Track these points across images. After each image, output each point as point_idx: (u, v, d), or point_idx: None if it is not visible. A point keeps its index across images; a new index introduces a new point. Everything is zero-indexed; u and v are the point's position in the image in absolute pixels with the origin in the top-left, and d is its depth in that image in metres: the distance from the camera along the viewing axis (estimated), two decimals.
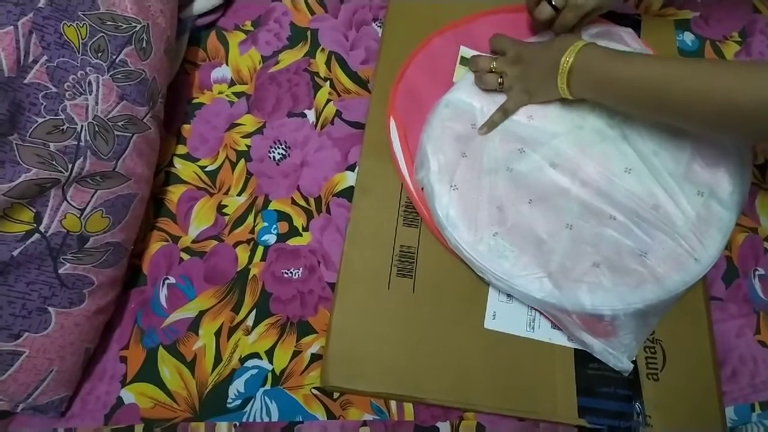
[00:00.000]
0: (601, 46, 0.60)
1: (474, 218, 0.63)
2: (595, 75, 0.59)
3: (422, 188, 0.66)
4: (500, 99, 0.69)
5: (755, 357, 0.67)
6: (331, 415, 0.61)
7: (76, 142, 0.53)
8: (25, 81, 0.50)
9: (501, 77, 0.68)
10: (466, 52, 0.74)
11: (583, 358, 0.62)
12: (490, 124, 0.67)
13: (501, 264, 0.61)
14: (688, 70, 0.53)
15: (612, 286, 0.60)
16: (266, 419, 0.61)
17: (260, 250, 0.67)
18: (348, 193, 0.70)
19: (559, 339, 0.62)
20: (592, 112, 0.67)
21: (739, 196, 0.64)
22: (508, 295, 0.63)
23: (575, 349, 0.62)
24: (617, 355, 0.59)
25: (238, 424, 0.60)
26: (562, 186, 0.64)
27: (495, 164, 0.65)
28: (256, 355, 0.63)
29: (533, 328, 0.62)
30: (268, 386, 0.62)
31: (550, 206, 0.63)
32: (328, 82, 0.76)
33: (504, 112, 0.68)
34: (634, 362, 0.62)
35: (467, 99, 0.69)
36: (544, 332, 0.62)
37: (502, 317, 0.63)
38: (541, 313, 0.63)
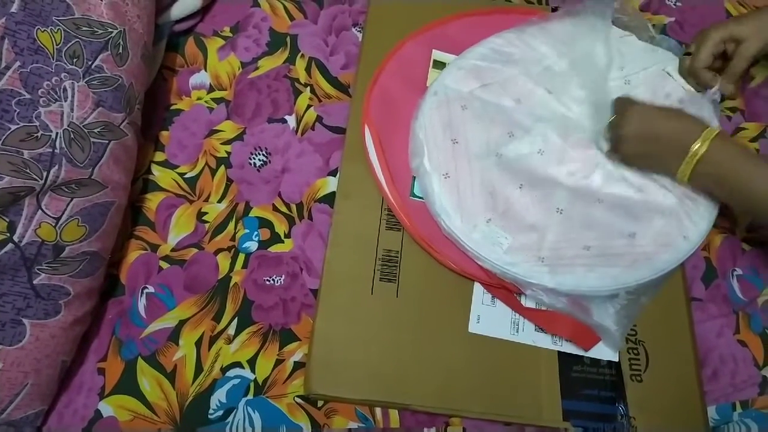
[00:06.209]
0: (732, 140, 0.59)
1: (467, 206, 0.63)
2: (724, 173, 0.56)
3: (415, 177, 0.66)
4: (491, 83, 0.69)
5: (735, 356, 0.68)
6: (315, 424, 0.61)
7: (50, 150, 0.52)
8: None
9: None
10: (439, 56, 0.73)
11: (567, 361, 0.62)
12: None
13: (495, 251, 0.61)
14: None
15: (604, 267, 0.61)
16: (249, 429, 0.60)
17: (241, 257, 0.66)
18: (330, 198, 0.69)
19: (543, 342, 0.62)
20: (575, 99, 0.68)
21: None
22: (492, 298, 0.63)
23: (559, 351, 0.62)
24: (613, 333, 0.61)
25: None
26: (550, 172, 0.65)
27: (486, 149, 0.65)
28: (238, 365, 0.62)
29: (517, 331, 0.62)
30: (250, 396, 0.61)
31: (540, 191, 0.64)
32: (309, 87, 0.75)
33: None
34: (618, 364, 0.62)
35: (454, 85, 0.69)
36: (528, 335, 0.62)
37: (486, 320, 0.62)
38: (524, 317, 0.63)
